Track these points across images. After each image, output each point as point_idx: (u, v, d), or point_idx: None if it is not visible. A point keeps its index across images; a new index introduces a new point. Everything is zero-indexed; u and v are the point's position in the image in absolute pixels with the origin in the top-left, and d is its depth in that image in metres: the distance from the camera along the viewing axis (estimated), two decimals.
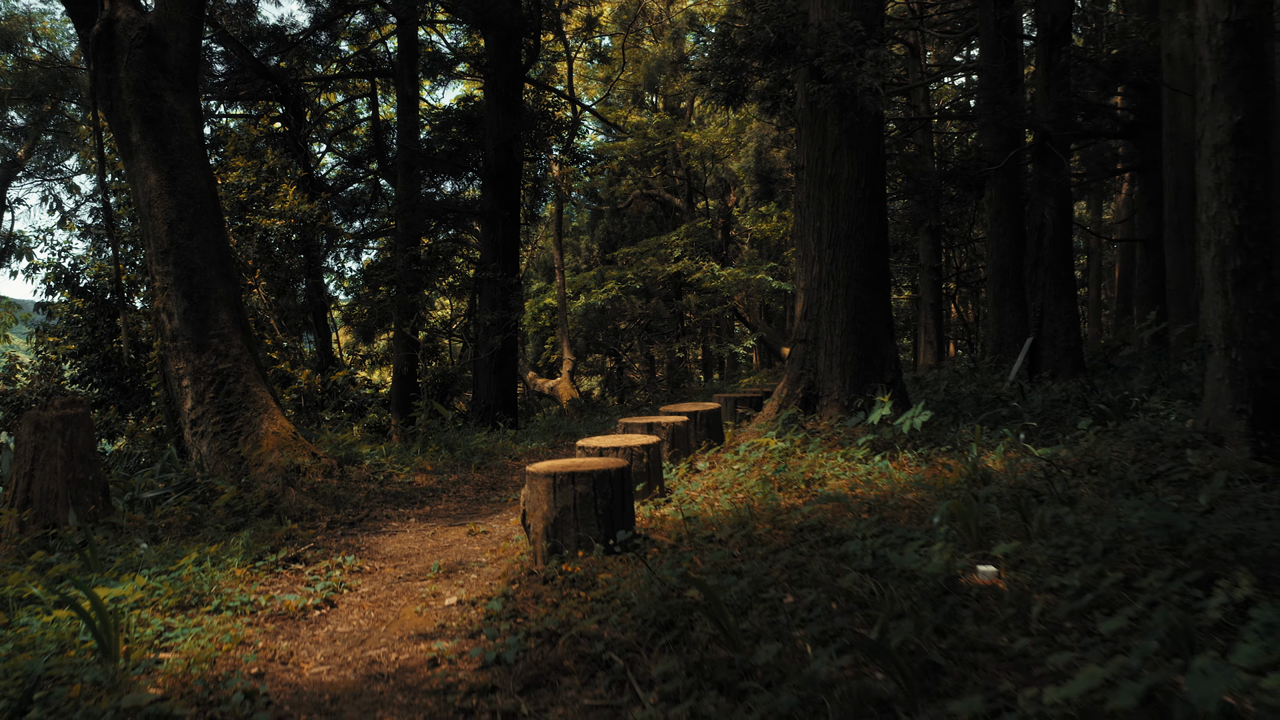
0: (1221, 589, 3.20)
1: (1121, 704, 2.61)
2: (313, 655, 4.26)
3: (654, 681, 3.39)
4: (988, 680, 3.08)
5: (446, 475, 9.40)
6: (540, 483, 5.23)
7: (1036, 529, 4.42)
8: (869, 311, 8.82)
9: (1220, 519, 4.22)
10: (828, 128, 8.76)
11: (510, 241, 18.48)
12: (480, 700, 3.53)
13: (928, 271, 29.18)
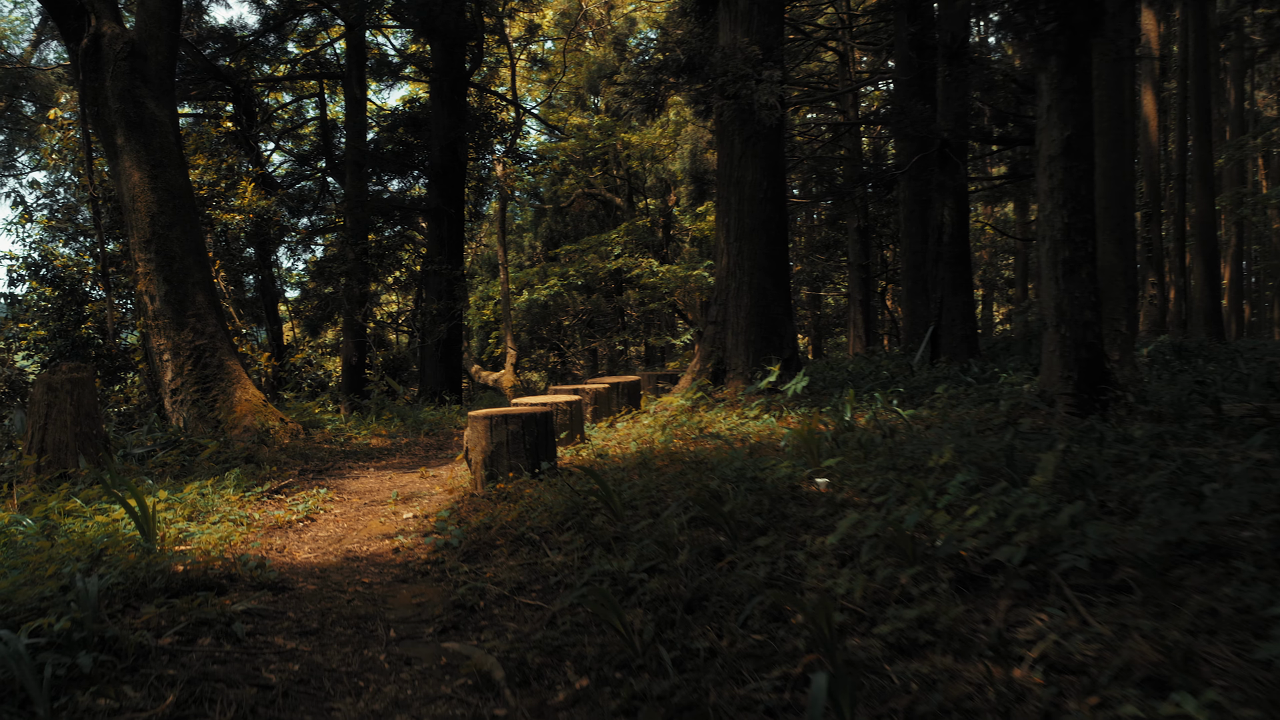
0: (959, 480, 4.54)
1: (865, 533, 3.94)
2: (301, 548, 5.46)
3: (560, 546, 4.65)
4: (791, 534, 4.38)
5: (399, 439, 10.60)
6: (480, 423, 6.47)
7: (861, 454, 5.75)
8: (770, 296, 10.15)
9: (989, 444, 5.60)
10: (733, 137, 10.07)
11: (455, 237, 19.61)
12: (432, 567, 4.77)
13: (856, 269, 30.79)
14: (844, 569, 3.83)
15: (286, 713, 3.26)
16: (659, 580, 3.93)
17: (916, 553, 3.82)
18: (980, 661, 3.08)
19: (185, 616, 3.85)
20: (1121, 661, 2.90)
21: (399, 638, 3.98)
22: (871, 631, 3.37)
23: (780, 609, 3.63)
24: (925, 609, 3.36)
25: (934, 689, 2.97)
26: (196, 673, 3.41)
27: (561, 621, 3.85)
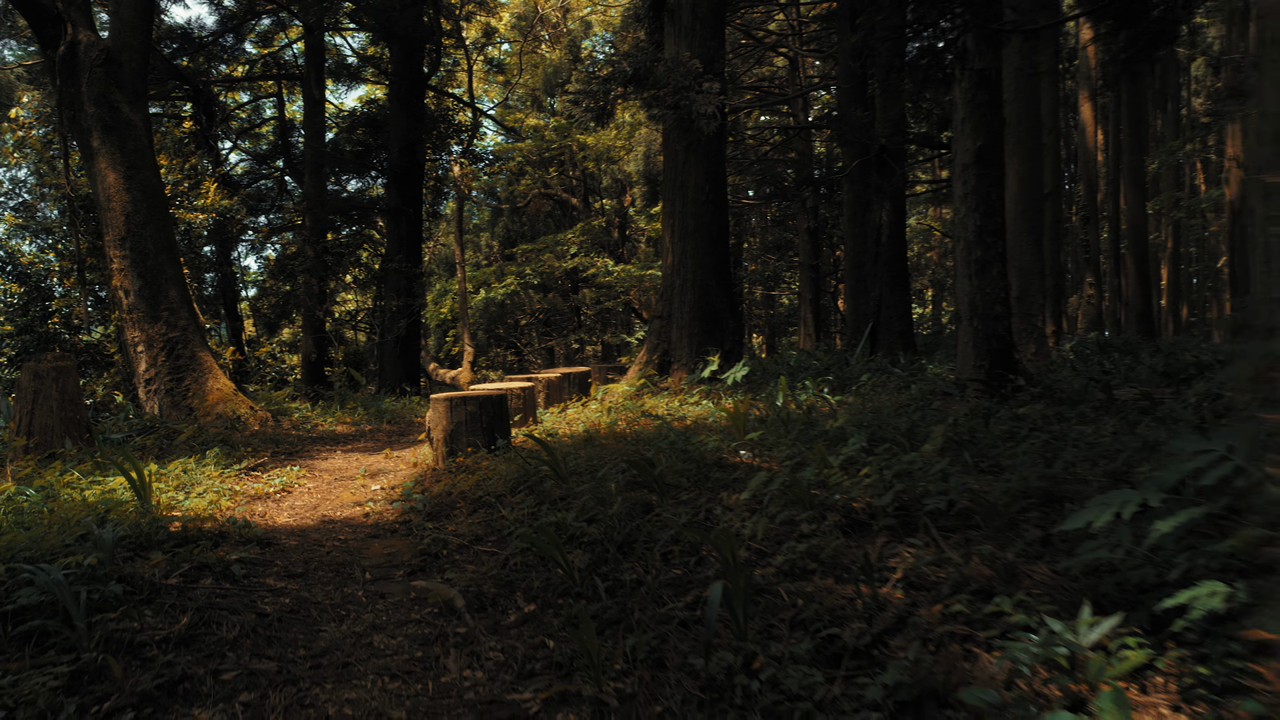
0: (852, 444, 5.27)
1: (771, 489, 4.65)
2: (281, 514, 6.08)
3: (513, 506, 5.32)
4: (712, 492, 5.08)
5: (363, 425, 11.19)
6: (441, 404, 7.12)
7: (781, 429, 6.47)
8: (712, 292, 10.87)
9: (898, 421, 6.35)
10: (677, 144, 10.79)
11: (414, 236, 20.15)
12: (400, 525, 5.42)
13: (806, 269, 31.64)
14: (751, 516, 4.54)
15: (282, 633, 3.90)
16: (596, 527, 4.62)
17: (812, 502, 4.54)
18: (854, 583, 3.79)
19: (187, 562, 4.47)
20: (962, 578, 3.64)
21: (373, 579, 4.63)
22: (769, 562, 4.08)
23: (697, 548, 4.33)
24: (814, 543, 4.07)
25: (814, 602, 3.68)
26: (204, 603, 4.04)
27: (513, 562, 4.53)
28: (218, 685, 3.43)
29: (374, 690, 3.48)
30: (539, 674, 3.54)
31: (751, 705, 3.12)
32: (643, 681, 3.39)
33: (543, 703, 3.33)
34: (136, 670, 3.43)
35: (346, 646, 3.83)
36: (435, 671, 3.63)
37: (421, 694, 3.46)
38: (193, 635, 3.75)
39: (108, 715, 3.13)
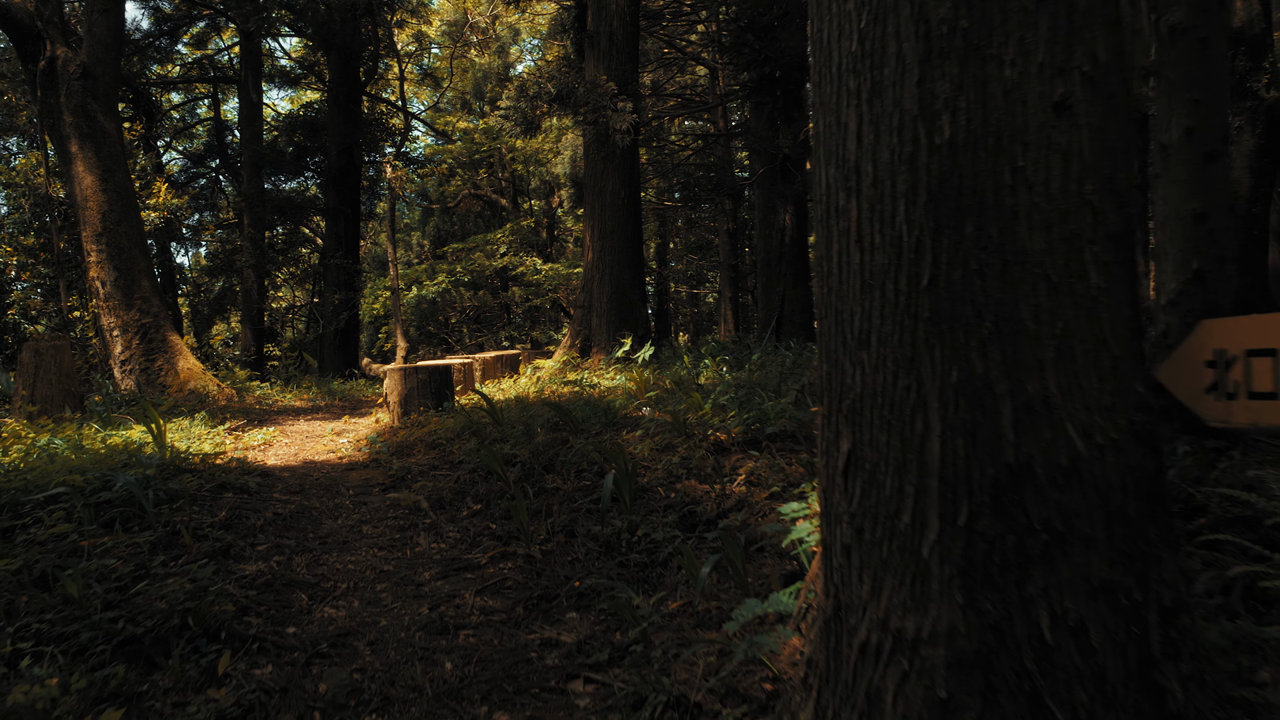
0: (720, 392, 6.81)
1: (657, 425, 6.17)
2: (270, 458, 7.45)
3: (460, 446, 6.78)
4: (614, 431, 6.60)
5: (318, 401, 12.51)
6: (396, 374, 8.55)
7: (676, 391, 8.01)
8: (627, 285, 12.40)
9: (769, 382, 7.93)
10: (596, 154, 12.29)
11: (351, 235, 21.36)
12: (371, 462, 6.85)
13: (726, 269, 33.41)
14: (641, 443, 6.06)
15: (294, 525, 5.32)
16: (525, 453, 6.10)
17: (688, 434, 6.08)
18: (711, 482, 5.33)
19: (212, 482, 5.84)
20: (785, 476, 5.20)
21: (356, 494, 6.06)
22: (652, 471, 5.60)
23: (600, 466, 5.84)
24: (684, 458, 5.61)
25: (682, 494, 5.21)
26: (233, 506, 5.44)
27: (463, 479, 6.00)
28: (254, 552, 4.84)
29: (368, 555, 4.93)
30: (485, 544, 5.02)
31: (632, 551, 4.65)
32: (559, 544, 4.90)
33: (489, 559, 4.81)
34: (195, 542, 4.83)
35: (343, 533, 5.26)
36: (410, 545, 5.09)
37: (402, 557, 4.92)
38: (230, 523, 5.16)
39: (185, 563, 4.53)
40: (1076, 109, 2.16)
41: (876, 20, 2.25)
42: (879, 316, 2.23)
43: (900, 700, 2.15)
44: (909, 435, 2.18)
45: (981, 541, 2.10)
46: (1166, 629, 2.19)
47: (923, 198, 2.16)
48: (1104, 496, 2.13)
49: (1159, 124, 5.07)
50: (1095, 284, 2.15)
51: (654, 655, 3.72)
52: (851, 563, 2.34)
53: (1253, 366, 2.04)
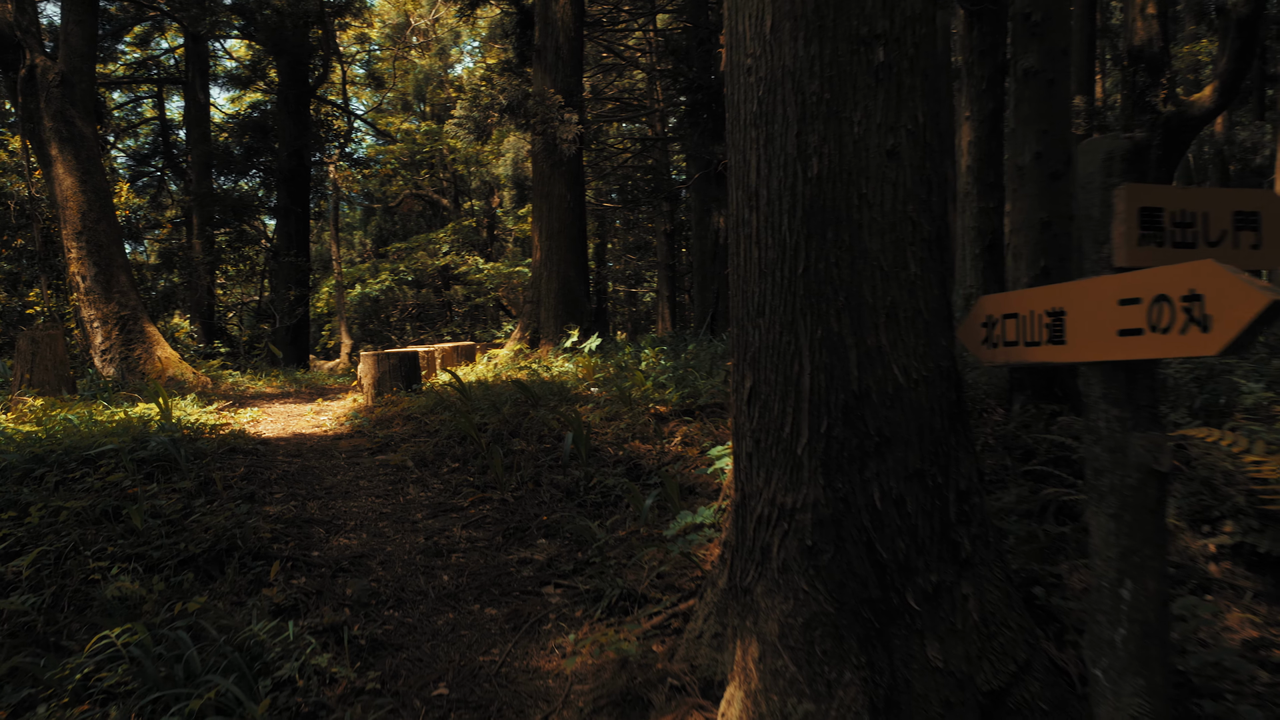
0: (659, 370, 7.89)
1: (605, 399, 7.24)
2: (263, 432, 8.34)
3: (435, 418, 7.77)
4: (569, 404, 7.63)
5: (286, 388, 13.34)
6: (370, 358, 9.49)
7: (620, 373, 9.07)
8: (573, 282, 13.43)
9: (700, 364, 9.04)
10: (544, 161, 13.30)
11: (301, 233, 22.07)
12: (356, 433, 7.79)
13: (664, 268, 34.53)
14: (592, 413, 7.11)
15: (301, 480, 6.27)
16: (495, 421, 7.12)
17: (633, 405, 7.14)
18: (652, 443, 6.39)
19: (223, 446, 6.76)
20: (714, 437, 6.28)
21: (348, 457, 7.01)
22: (604, 435, 6.65)
23: (559, 433, 6.87)
24: (629, 423, 6.67)
25: (629, 452, 6.27)
26: (248, 465, 6.37)
27: (441, 444, 6.99)
28: (274, 499, 5.80)
29: (367, 502, 5.91)
30: (466, 492, 6.04)
31: (589, 494, 5.69)
32: (528, 490, 5.93)
33: (470, 503, 5.83)
34: (225, 490, 5.77)
35: (344, 486, 6.23)
36: (402, 494, 6.08)
37: (396, 503, 5.91)
38: (248, 477, 6.10)
39: (221, 505, 5.47)
40: (902, 154, 3.24)
41: (770, 91, 3.31)
42: (770, 294, 3.30)
43: (782, 550, 3.22)
44: (790, 374, 3.25)
45: (835, 443, 3.17)
46: (961, 504, 3.28)
47: (800, 213, 3.23)
48: (918, 414, 3.22)
49: (1016, 149, 6.25)
50: (914, 273, 3.24)
51: (609, 565, 4.77)
52: (753, 464, 3.41)
53: (1005, 325, 3.11)
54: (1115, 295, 2.49)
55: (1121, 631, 2.58)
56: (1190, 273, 2.25)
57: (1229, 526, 4.33)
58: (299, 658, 3.87)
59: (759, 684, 3.17)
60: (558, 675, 4.07)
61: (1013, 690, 3.19)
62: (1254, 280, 2.13)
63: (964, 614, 3.19)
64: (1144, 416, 2.55)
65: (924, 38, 3.28)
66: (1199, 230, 2.57)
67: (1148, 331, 2.38)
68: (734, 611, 3.50)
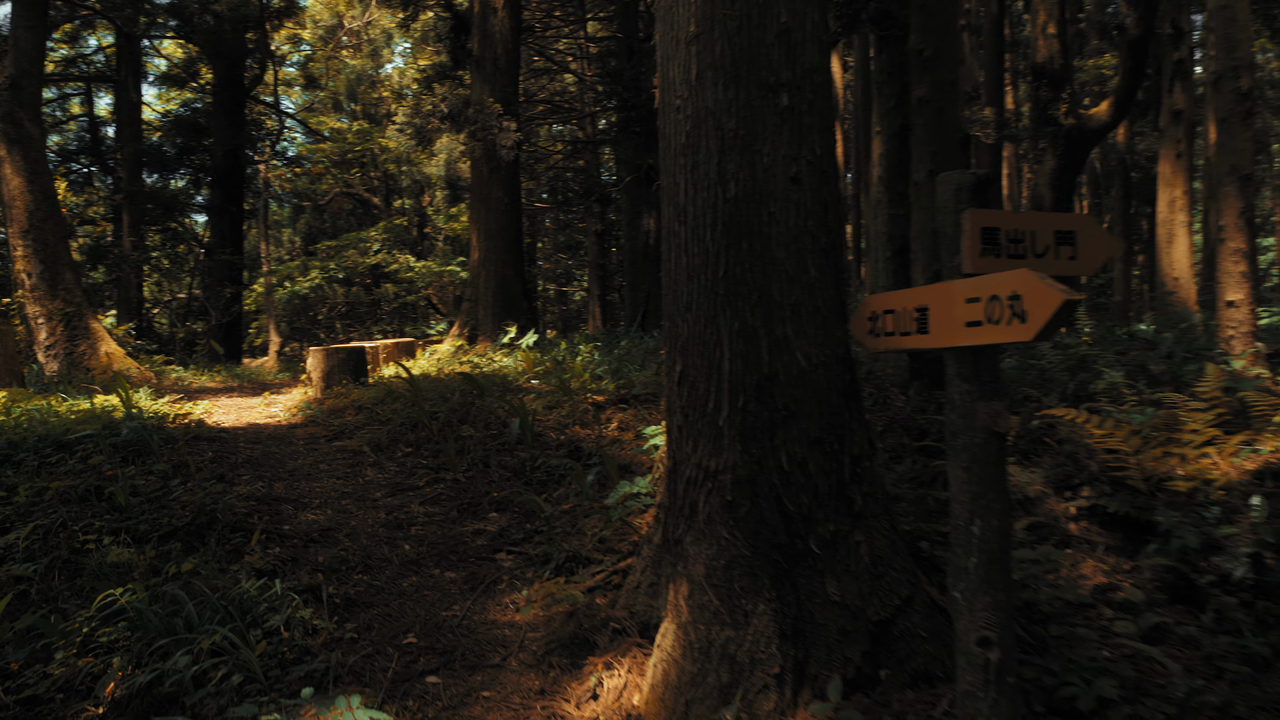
0: (596, 362, 8.54)
1: (546, 389, 7.86)
2: (220, 422, 8.78)
3: (386, 408, 8.31)
4: (513, 394, 8.24)
5: (230, 383, 13.67)
6: (319, 353, 9.97)
7: (557, 367, 9.69)
8: (510, 281, 14.01)
9: (636, 357, 9.70)
10: (483, 165, 13.84)
11: (236, 231, 22.25)
12: (310, 422, 8.28)
13: (595, 268, 35.12)
14: (535, 402, 7.72)
15: (265, 464, 6.78)
16: (444, 410, 7.69)
17: (572, 395, 7.77)
18: (591, 428, 7.03)
19: (188, 434, 7.22)
20: (645, 421, 6.93)
21: (306, 444, 7.52)
22: (546, 421, 7.27)
23: (504, 420, 7.47)
24: (569, 411, 7.30)
25: (570, 437, 6.89)
26: (214, 450, 6.86)
27: (395, 431, 7.54)
28: (241, 481, 6.31)
29: (329, 483, 6.45)
30: (420, 473, 6.61)
31: (534, 474, 6.31)
32: (478, 471, 6.52)
33: (425, 483, 6.40)
34: (198, 472, 6.26)
35: (305, 469, 6.76)
36: (360, 476, 6.63)
37: (356, 484, 6.47)
38: (216, 460, 6.59)
39: (196, 485, 5.97)
40: (803, 180, 3.93)
41: (695, 126, 3.97)
42: (697, 293, 3.96)
43: (707, 505, 3.88)
44: (713, 359, 3.91)
45: (750, 416, 3.84)
46: (854, 467, 3.98)
47: (720, 227, 3.89)
48: (817, 392, 3.91)
49: (914, 166, 7.02)
50: (814, 276, 3.93)
51: (555, 533, 5.40)
52: (683, 435, 4.06)
53: (885, 319, 3.80)
54: (963, 295, 3.19)
55: (973, 560, 3.27)
56: (1013, 278, 2.95)
57: (1086, 492, 5.11)
58: (285, 611, 4.43)
59: (688, 617, 3.83)
60: (513, 625, 4.68)
61: (897, 620, 3.88)
62: (1055, 284, 2.84)
63: (857, 557, 3.88)
64: (987, 389, 3.25)
65: (820, 85, 3.97)
66: (1028, 245, 3.28)
67: (986, 323, 3.08)
68: (667, 561, 4.16)
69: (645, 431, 5.85)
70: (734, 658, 3.69)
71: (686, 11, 4.01)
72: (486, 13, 13.79)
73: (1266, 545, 4.30)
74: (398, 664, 4.27)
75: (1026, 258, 3.28)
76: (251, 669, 4.00)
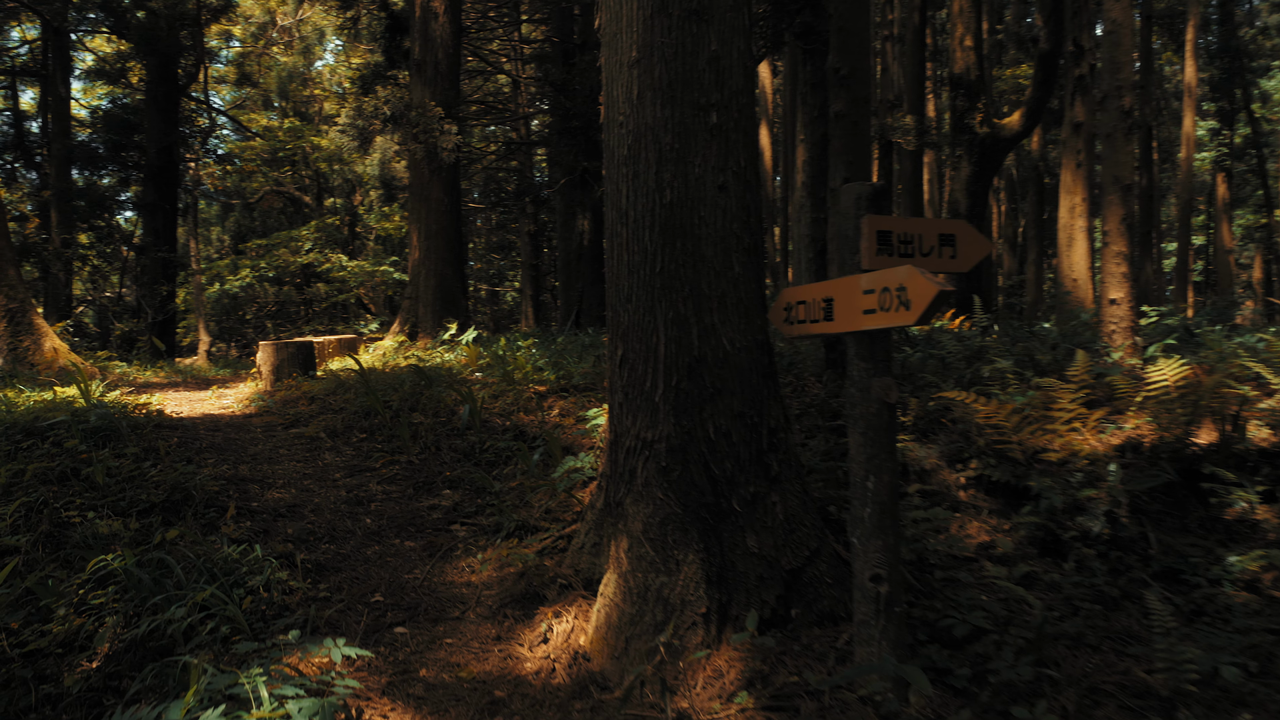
0: (539, 361, 9.09)
1: (491, 380, 8.40)
2: (174, 411, 9.13)
3: (340, 399, 8.76)
4: (463, 386, 8.74)
5: (174, 378, 13.89)
6: (269, 347, 10.35)
7: (497, 362, 10.21)
8: (449, 279, 14.46)
9: (574, 351, 10.26)
10: (424, 166, 14.28)
11: (169, 229, 22.27)
12: (265, 411, 8.70)
13: (528, 268, 35.54)
14: (480, 391, 8.25)
15: (228, 450, 7.21)
16: (396, 398, 8.17)
17: (516, 385, 8.31)
18: (534, 415, 7.58)
19: (149, 422, 7.60)
20: (584, 406, 7.50)
21: (264, 431, 7.95)
22: (492, 410, 7.81)
23: (452, 408, 7.98)
24: (514, 399, 7.85)
25: (514, 423, 7.43)
26: (178, 436, 7.26)
27: (349, 419, 8.00)
28: (207, 464, 6.74)
29: (290, 466, 6.91)
30: (376, 456, 7.10)
31: (484, 455, 6.84)
32: (431, 454, 7.03)
33: (381, 464, 6.89)
34: (166, 456, 6.67)
35: (266, 453, 7.21)
36: (319, 460, 7.10)
37: (316, 466, 6.93)
38: (182, 445, 7.01)
39: (167, 466, 6.39)
40: (729, 188, 4.53)
41: (637, 140, 4.56)
42: (636, 287, 4.54)
43: (644, 470, 4.47)
44: (650, 344, 4.50)
45: (682, 393, 4.44)
46: (771, 437, 4.59)
47: (657, 228, 4.48)
48: (740, 373, 4.51)
49: (831, 173, 7.69)
50: (738, 272, 4.54)
51: (505, 506, 5.94)
52: (623, 411, 4.64)
53: (798, 308, 4.43)
54: (861, 288, 3.82)
55: (868, 510, 3.90)
56: (900, 273, 3.58)
57: (974, 464, 5.80)
58: (265, 574, 4.91)
59: (628, 566, 4.41)
60: (470, 585, 5.22)
61: (807, 569, 4.50)
62: (933, 278, 3.47)
63: (773, 515, 4.49)
64: (880, 367, 3.88)
65: (744, 106, 4.59)
66: (916, 245, 3.93)
67: (879, 311, 3.71)
68: (608, 522, 4.74)
69: (587, 414, 6.42)
70: (667, 600, 4.27)
71: (629, 39, 4.59)
72: (428, 18, 14.22)
73: (1119, 505, 5.03)
74: (368, 618, 4.78)
75: (915, 256, 3.93)
76: (238, 623, 4.47)
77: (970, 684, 3.91)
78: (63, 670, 4.31)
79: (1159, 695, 3.86)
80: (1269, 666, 3.99)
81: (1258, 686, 3.84)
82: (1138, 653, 4.16)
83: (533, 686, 4.25)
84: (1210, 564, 4.84)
